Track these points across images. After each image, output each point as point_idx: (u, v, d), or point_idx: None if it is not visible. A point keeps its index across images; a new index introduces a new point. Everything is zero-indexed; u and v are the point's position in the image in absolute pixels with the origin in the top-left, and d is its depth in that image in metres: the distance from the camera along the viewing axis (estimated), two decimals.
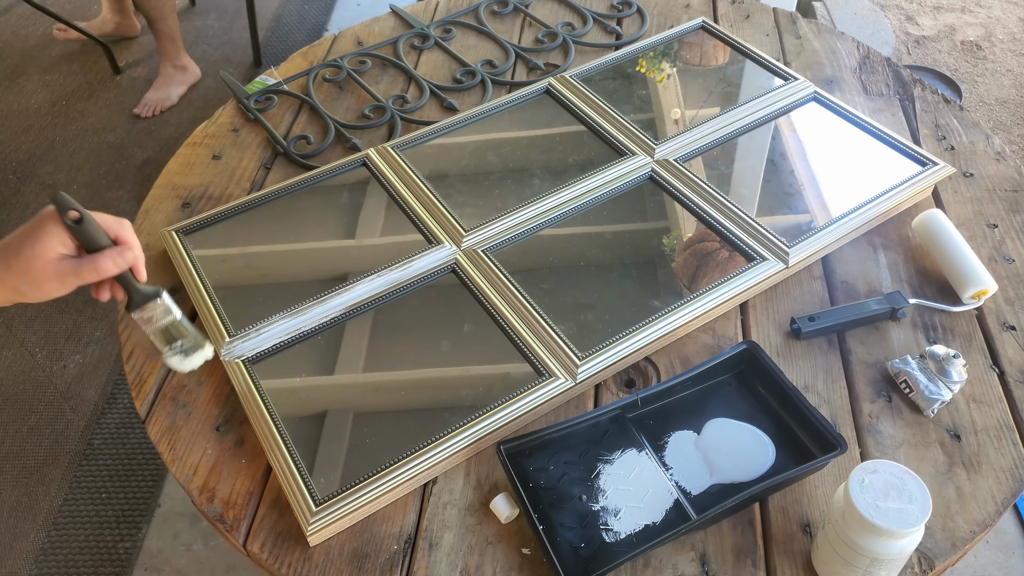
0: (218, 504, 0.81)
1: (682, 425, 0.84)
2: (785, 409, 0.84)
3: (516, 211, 1.04)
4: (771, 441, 0.82)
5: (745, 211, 1.02)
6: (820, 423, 0.81)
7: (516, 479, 0.78)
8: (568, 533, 0.75)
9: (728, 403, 0.86)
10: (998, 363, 0.90)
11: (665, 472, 0.80)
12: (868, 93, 1.24)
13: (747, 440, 0.82)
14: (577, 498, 0.78)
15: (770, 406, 0.85)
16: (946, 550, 0.75)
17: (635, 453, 0.81)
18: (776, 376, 0.85)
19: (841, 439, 0.79)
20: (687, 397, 0.86)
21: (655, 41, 1.32)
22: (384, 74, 1.33)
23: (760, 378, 0.87)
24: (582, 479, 0.79)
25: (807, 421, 0.82)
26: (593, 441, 0.82)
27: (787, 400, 0.84)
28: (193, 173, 1.17)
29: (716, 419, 0.84)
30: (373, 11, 1.66)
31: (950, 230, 0.98)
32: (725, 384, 0.88)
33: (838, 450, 0.78)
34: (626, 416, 0.84)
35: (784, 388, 0.84)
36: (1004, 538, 1.47)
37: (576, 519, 0.76)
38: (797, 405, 0.83)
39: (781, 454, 0.81)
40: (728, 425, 0.84)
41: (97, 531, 1.55)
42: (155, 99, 2.43)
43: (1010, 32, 2.71)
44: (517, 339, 0.91)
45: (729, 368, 0.88)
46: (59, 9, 2.70)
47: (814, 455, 0.80)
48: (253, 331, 0.92)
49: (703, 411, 0.85)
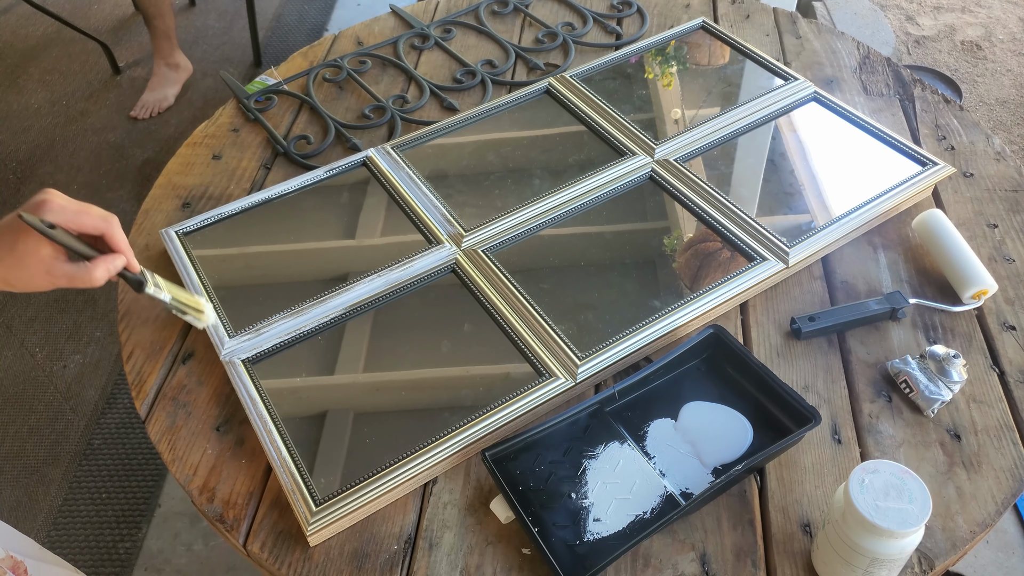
0: (218, 504, 0.81)
1: (660, 413, 0.85)
2: (757, 389, 0.85)
3: (516, 211, 1.04)
4: (747, 419, 0.83)
5: (745, 211, 1.02)
6: (792, 398, 0.82)
7: (505, 484, 0.78)
8: (562, 532, 0.75)
9: (702, 388, 0.87)
10: (998, 363, 0.90)
11: (649, 461, 0.81)
12: (868, 93, 1.24)
13: (723, 420, 0.84)
14: (567, 496, 0.78)
15: (743, 387, 0.86)
16: (946, 550, 0.75)
17: (618, 446, 0.82)
18: (744, 357, 0.86)
19: (814, 411, 0.80)
20: (661, 386, 0.87)
21: (655, 41, 1.32)
22: (384, 74, 1.33)
23: (729, 361, 0.88)
24: (569, 477, 0.79)
25: (780, 398, 0.83)
26: (575, 438, 0.82)
27: (758, 380, 0.85)
28: (193, 173, 1.17)
29: (691, 403, 0.85)
30: (373, 11, 1.66)
31: (950, 230, 0.98)
32: (696, 370, 0.89)
33: (813, 422, 0.79)
34: (604, 410, 0.85)
35: (753, 368, 0.86)
36: (1004, 538, 1.47)
37: (568, 517, 0.76)
38: (768, 383, 0.84)
39: (759, 433, 0.82)
40: (703, 408, 0.85)
41: (97, 531, 1.55)
42: (152, 100, 2.43)
43: (1010, 32, 2.71)
44: (517, 339, 0.91)
45: (698, 354, 0.89)
46: (59, 9, 2.69)
47: (791, 430, 0.81)
48: (253, 331, 0.92)
49: (678, 398, 0.86)
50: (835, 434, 0.84)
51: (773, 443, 0.80)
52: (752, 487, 0.81)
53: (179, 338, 0.96)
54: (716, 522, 0.78)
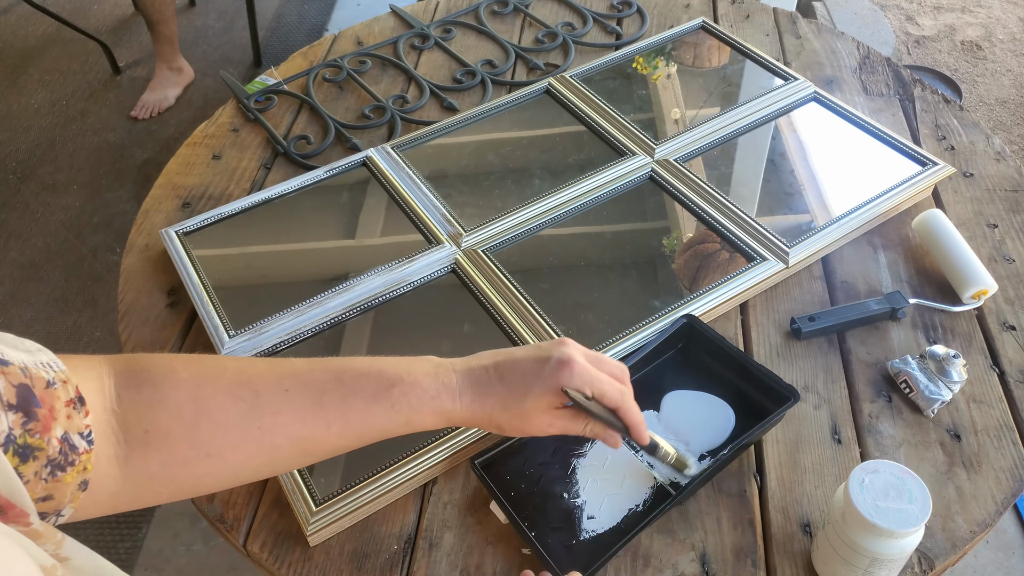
0: (218, 504, 0.81)
1: (642, 406, 0.84)
2: (735, 373, 0.86)
3: (516, 211, 1.04)
4: (728, 404, 0.84)
5: (745, 211, 1.02)
6: (770, 379, 0.82)
7: (497, 490, 0.78)
8: (558, 533, 0.75)
9: (680, 377, 0.87)
10: (998, 363, 0.90)
11: (636, 455, 0.81)
12: (868, 93, 1.24)
13: (705, 406, 0.84)
14: (559, 496, 0.78)
15: (721, 373, 0.87)
16: (946, 550, 0.75)
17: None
18: (718, 343, 0.87)
19: (793, 390, 0.81)
20: (640, 379, 0.87)
21: (655, 41, 1.32)
22: (384, 74, 1.33)
23: (704, 349, 0.88)
24: (560, 477, 0.80)
25: (757, 380, 0.84)
26: (562, 438, 0.82)
27: (735, 364, 0.85)
28: (193, 173, 1.17)
29: (671, 392, 0.86)
30: (373, 11, 1.66)
31: (950, 230, 0.98)
32: (673, 360, 0.89)
33: (792, 399, 0.80)
34: None
35: (728, 352, 0.86)
36: (1004, 538, 1.47)
37: (562, 518, 0.76)
38: (744, 367, 0.85)
39: (741, 417, 0.83)
40: (684, 396, 0.85)
41: (97, 531, 1.54)
42: (152, 101, 2.43)
43: (1010, 32, 2.71)
44: (517, 339, 0.91)
45: (673, 344, 0.89)
46: (59, 9, 2.70)
47: (771, 411, 0.81)
48: (253, 331, 0.92)
49: (658, 389, 0.86)
50: (835, 434, 0.84)
51: (755, 425, 0.80)
52: (752, 487, 0.81)
53: (179, 338, 0.96)
54: (716, 522, 0.78)
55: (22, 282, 1.98)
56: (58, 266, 2.01)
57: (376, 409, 0.58)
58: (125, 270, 1.04)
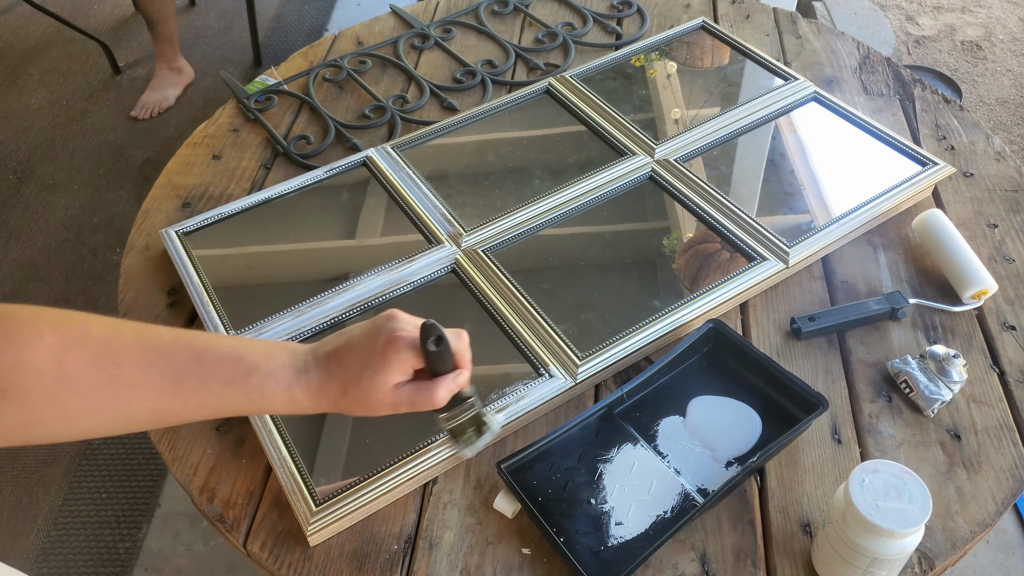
0: (218, 504, 0.81)
1: (668, 411, 0.85)
2: (761, 379, 0.85)
3: (516, 211, 1.04)
4: (754, 410, 0.83)
5: (745, 211, 1.02)
6: (798, 386, 0.82)
7: (524, 496, 0.77)
8: (585, 539, 0.75)
9: (706, 383, 0.87)
10: (998, 363, 0.90)
11: (663, 461, 0.80)
12: (868, 93, 1.24)
13: (731, 413, 0.84)
14: (586, 502, 0.78)
15: (747, 379, 0.86)
16: (946, 550, 0.75)
17: (631, 447, 0.82)
18: (746, 348, 0.87)
19: (822, 397, 0.80)
20: (666, 383, 0.87)
21: (655, 41, 1.32)
22: (384, 74, 1.33)
23: (732, 354, 0.88)
24: (586, 483, 0.79)
25: (785, 387, 0.83)
26: (588, 443, 0.82)
27: (761, 370, 0.85)
28: (193, 173, 1.17)
29: (697, 398, 0.85)
30: (373, 11, 1.66)
31: (950, 230, 0.98)
32: (699, 365, 0.89)
33: (820, 408, 0.79)
34: (614, 412, 0.85)
35: (756, 359, 0.86)
36: (1004, 538, 1.47)
37: (590, 523, 0.76)
38: (772, 373, 0.84)
39: (768, 424, 0.82)
40: (710, 401, 0.85)
41: (97, 531, 1.55)
42: (152, 101, 2.43)
43: (1010, 32, 2.71)
44: (517, 339, 0.91)
45: (699, 349, 0.89)
46: (59, 9, 2.69)
47: (798, 418, 0.81)
48: (253, 331, 0.92)
49: (684, 394, 0.86)
50: (835, 434, 0.84)
51: (783, 433, 0.80)
52: (752, 487, 0.81)
53: None
54: (716, 522, 0.78)
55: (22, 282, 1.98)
56: (58, 266, 2.01)
57: (231, 393, 0.60)
58: (125, 270, 1.04)
